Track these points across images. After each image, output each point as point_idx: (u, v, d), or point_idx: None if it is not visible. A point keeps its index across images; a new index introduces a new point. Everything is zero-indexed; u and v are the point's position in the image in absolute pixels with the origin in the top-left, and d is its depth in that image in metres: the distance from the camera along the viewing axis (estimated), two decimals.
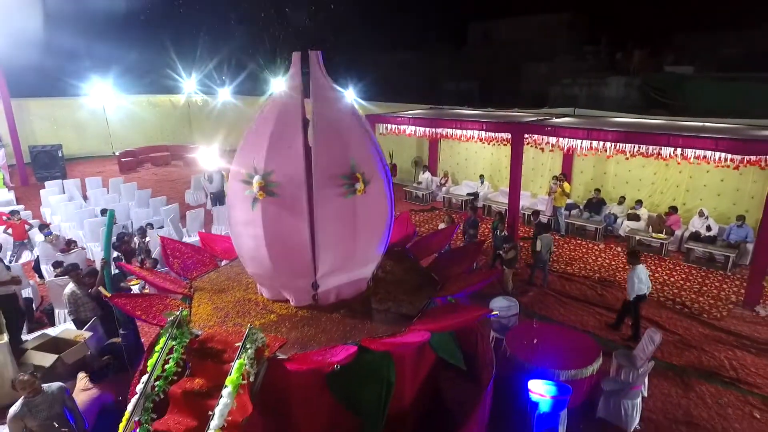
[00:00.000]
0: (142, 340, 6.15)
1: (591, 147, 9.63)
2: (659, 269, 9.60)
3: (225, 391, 3.80)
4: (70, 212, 11.18)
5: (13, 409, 3.90)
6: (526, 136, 10.51)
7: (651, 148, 8.76)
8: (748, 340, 7.04)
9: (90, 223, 9.92)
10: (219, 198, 11.67)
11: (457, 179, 15.32)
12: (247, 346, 3.97)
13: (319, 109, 4.61)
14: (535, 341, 5.91)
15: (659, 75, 21.81)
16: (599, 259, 10.20)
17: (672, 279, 9.16)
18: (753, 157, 7.86)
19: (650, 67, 24.05)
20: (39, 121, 20.65)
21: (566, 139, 9.80)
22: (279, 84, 16.34)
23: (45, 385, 4.11)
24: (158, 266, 7.66)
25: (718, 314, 7.81)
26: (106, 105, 22.09)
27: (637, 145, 8.95)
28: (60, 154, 17.43)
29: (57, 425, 4.00)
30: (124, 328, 5.53)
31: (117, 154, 20.11)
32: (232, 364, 3.94)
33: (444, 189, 14.65)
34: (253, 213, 4.52)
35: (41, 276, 8.72)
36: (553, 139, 10.15)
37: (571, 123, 10.90)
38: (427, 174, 15.23)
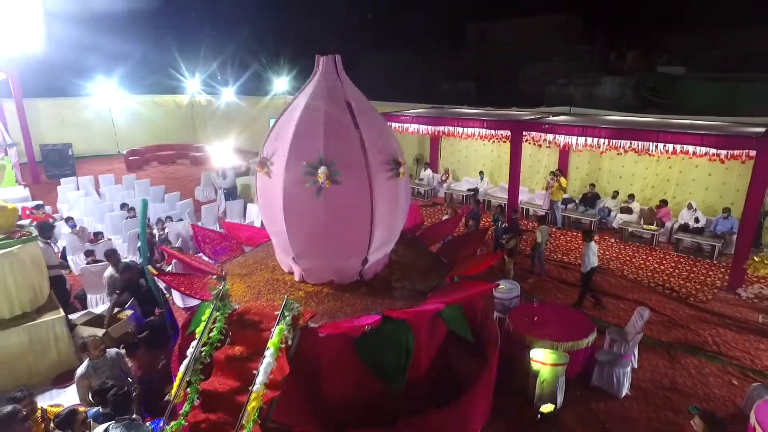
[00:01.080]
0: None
1: (586, 143, 10.23)
2: (650, 258, 10.20)
3: (267, 352, 4.34)
4: (88, 207, 11.67)
5: (80, 370, 4.44)
6: (524, 133, 11.09)
7: (642, 144, 9.35)
8: (730, 320, 7.65)
9: (111, 217, 10.43)
10: (232, 193, 12.19)
11: (457, 176, 15.90)
12: (285, 314, 4.51)
13: (356, 102, 5.17)
14: (535, 318, 6.48)
15: (652, 75, 22.48)
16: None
17: (662, 267, 9.76)
18: (737, 152, 8.46)
19: (643, 68, 24.71)
20: (47, 120, 21.06)
21: (563, 136, 10.39)
22: (283, 84, 16.75)
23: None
24: None
25: (703, 297, 8.41)
26: (111, 105, 22.55)
27: (629, 142, 9.54)
28: (70, 153, 17.88)
29: (115, 384, 4.53)
30: (161, 307, 6.05)
31: (124, 152, 20.57)
32: (272, 330, 4.48)
33: (445, 185, 15.23)
34: (317, 201, 4.86)
35: (67, 266, 9.21)
36: (550, 136, 10.74)
37: (567, 121, 11.50)
38: (429, 171, 15.79)
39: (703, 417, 3.59)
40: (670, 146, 9.10)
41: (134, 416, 3.95)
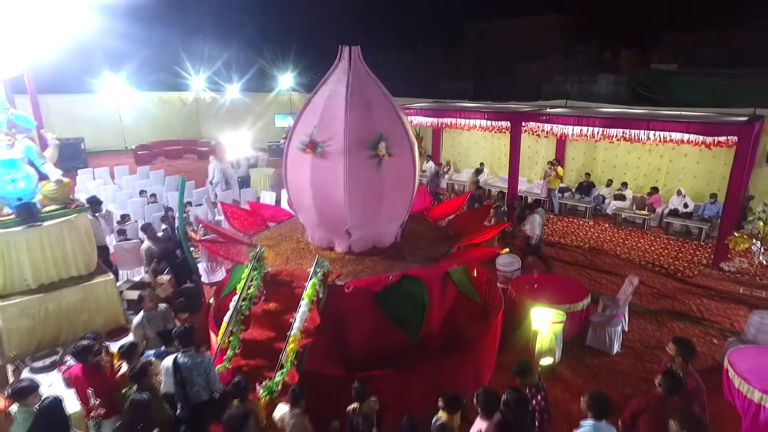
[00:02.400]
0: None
1: (581, 133, 10.87)
2: (641, 240, 10.86)
3: (302, 303, 4.96)
4: (108, 195, 12.21)
5: (136, 320, 5.04)
6: (523, 124, 11.73)
7: (633, 132, 10.00)
8: (713, 291, 8.31)
9: (132, 203, 11.02)
10: (245, 182, 12.78)
11: (458, 168, 16.53)
12: (317, 270, 5.13)
13: (381, 85, 5.92)
14: (535, 286, 7.11)
15: (645, 72, 23.21)
16: (589, 233, 11.45)
17: (653, 248, 10.42)
18: (722, 139, 9.11)
19: (637, 66, 25.45)
20: (57, 116, 21.54)
21: (560, 126, 11.03)
22: (287, 80, 17.24)
23: None
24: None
25: (690, 273, 9.07)
26: (119, 101, 23.07)
27: (621, 130, 10.19)
28: (82, 147, 18.45)
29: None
30: (196, 275, 6.65)
31: (133, 147, 21.10)
32: (306, 284, 5.10)
33: (446, 176, 15.86)
34: (378, 173, 5.53)
35: None
36: (548, 126, 11.38)
37: (563, 112, 12.14)
38: (431, 163, 16.40)
39: (675, 341, 4.23)
40: (660, 134, 9.73)
41: None
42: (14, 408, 3.42)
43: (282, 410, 3.99)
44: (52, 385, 4.77)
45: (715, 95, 17.63)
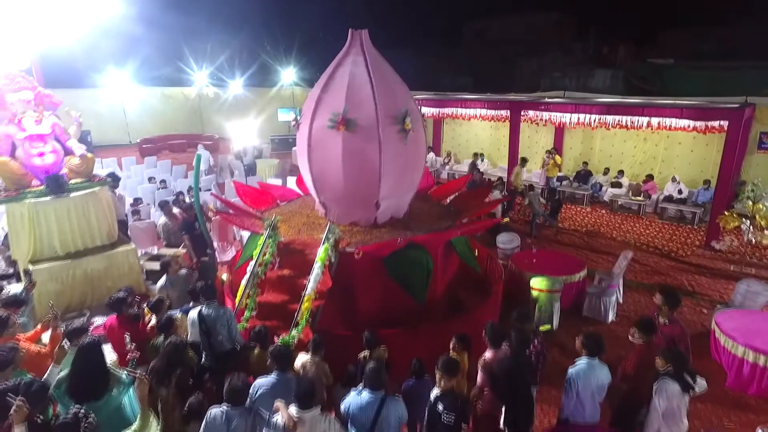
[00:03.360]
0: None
1: (579, 121, 11.22)
2: (637, 225, 11.21)
3: (316, 266, 5.29)
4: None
5: (160, 282, 5.38)
6: (522, 112, 12.08)
7: (629, 119, 10.34)
8: (705, 269, 8.66)
9: (143, 189, 11.34)
10: (252, 169, 13.11)
11: (459, 158, 16.87)
12: (329, 236, 5.46)
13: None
14: (534, 260, 7.46)
15: (641, 65, 23.58)
16: (586, 218, 11.79)
17: (648, 231, 10.77)
18: (714, 124, 9.45)
19: (634, 61, 25.81)
20: (62, 111, 21.83)
21: (558, 114, 11.37)
22: (290, 75, 17.51)
23: None
24: None
25: (683, 253, 9.42)
26: (123, 97, 23.39)
27: (617, 117, 10.53)
28: (89, 139, 18.73)
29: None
30: (211, 248, 6.99)
31: (138, 141, 21.42)
32: (319, 249, 5.43)
33: (447, 167, 16.20)
34: (405, 146, 5.93)
35: None
36: (546, 115, 11.73)
37: (561, 101, 12.48)
38: (431, 154, 16.75)
39: (661, 291, 4.57)
40: (654, 120, 10.08)
41: None
42: (67, 344, 3.76)
43: (303, 358, 4.32)
44: None
45: (710, 86, 17.97)
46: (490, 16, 34.26)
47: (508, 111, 12.29)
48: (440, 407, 3.52)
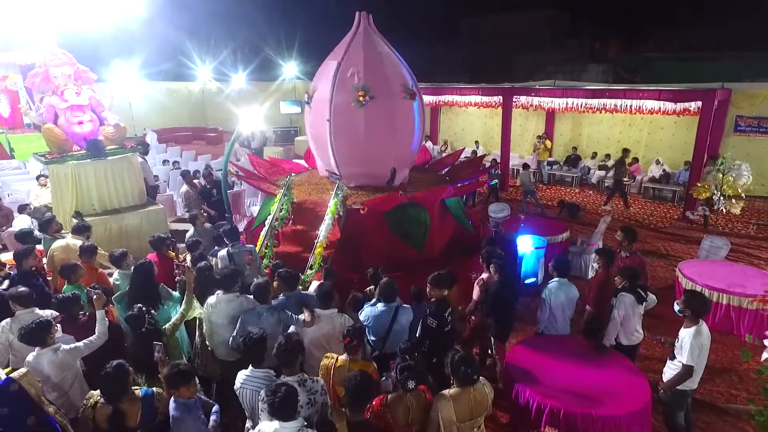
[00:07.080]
0: None
1: (567, 106, 11.98)
2: (621, 203, 11.95)
3: (327, 217, 6.02)
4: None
5: (189, 234, 6.08)
6: (514, 98, 12.82)
7: (612, 101, 11.11)
8: (680, 237, 9.43)
9: (158, 170, 12.03)
10: (259, 153, 13.81)
11: (455, 147, 17.60)
12: (338, 192, 6.19)
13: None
14: (522, 225, 8.19)
15: (629, 57, 24.43)
16: (574, 198, 12.54)
17: (631, 209, 11.52)
18: (690, 106, 10.22)
19: (625, 54, 26.65)
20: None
21: (548, 99, 12.13)
22: (292, 68, 18.13)
23: None
24: None
25: (661, 225, 10.19)
26: (129, 91, 24.04)
27: (602, 101, 11.30)
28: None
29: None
30: (228, 212, 7.71)
31: (144, 131, 22.11)
32: (329, 203, 6.16)
33: (444, 154, 16.93)
34: (413, 114, 6.90)
35: None
36: (536, 100, 12.48)
37: (551, 88, 13.23)
38: (429, 142, 17.47)
39: (621, 229, 5.36)
40: (635, 103, 10.85)
41: None
42: (115, 273, 4.47)
43: (317, 283, 5.04)
44: None
45: (692, 75, 18.77)
46: (488, 13, 35.03)
47: (501, 97, 13.02)
48: (428, 312, 4.22)
